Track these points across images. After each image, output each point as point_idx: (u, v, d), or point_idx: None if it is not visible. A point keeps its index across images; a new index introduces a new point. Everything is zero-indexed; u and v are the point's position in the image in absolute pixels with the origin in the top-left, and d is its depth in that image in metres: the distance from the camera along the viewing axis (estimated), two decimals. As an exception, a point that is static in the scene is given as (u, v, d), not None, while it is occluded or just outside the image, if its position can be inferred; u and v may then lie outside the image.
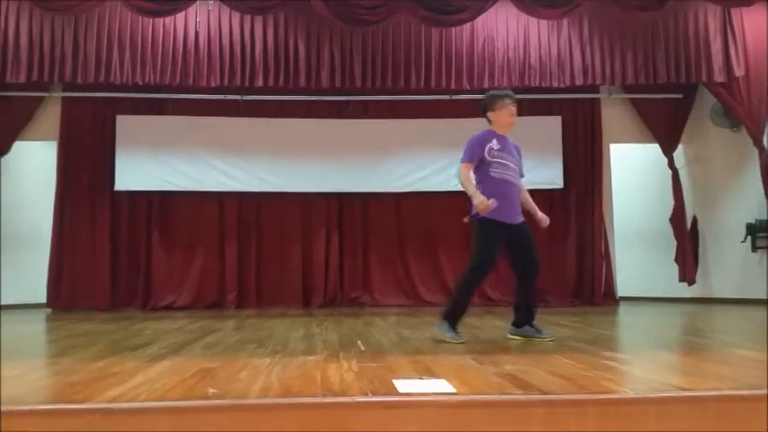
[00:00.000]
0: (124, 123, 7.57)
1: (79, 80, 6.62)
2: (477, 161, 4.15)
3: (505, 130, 4.31)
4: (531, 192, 7.71)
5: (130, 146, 7.52)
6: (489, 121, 4.33)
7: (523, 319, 4.19)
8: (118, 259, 7.55)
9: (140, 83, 6.72)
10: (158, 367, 3.03)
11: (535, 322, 4.19)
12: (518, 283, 4.23)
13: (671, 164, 7.80)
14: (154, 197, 7.65)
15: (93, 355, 3.53)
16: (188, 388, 2.49)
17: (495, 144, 4.21)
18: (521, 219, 4.21)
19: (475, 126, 7.64)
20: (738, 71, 7.08)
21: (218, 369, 2.96)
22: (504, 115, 4.28)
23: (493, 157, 4.18)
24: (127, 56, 6.64)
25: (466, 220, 4.21)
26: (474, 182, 4.13)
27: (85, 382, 2.65)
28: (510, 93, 4.38)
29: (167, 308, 7.37)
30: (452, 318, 4.08)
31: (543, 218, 4.40)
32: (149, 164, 7.52)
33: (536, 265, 4.18)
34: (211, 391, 2.42)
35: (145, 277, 7.56)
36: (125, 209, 7.63)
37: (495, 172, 4.17)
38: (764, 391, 2.24)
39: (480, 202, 3.99)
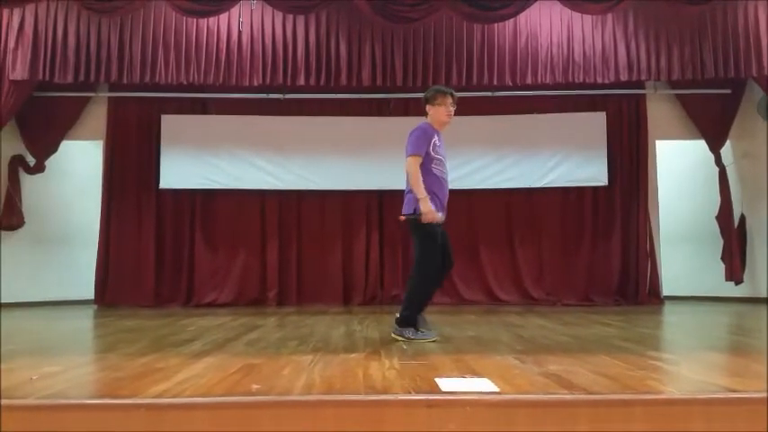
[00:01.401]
0: (169, 123, 7.72)
1: (125, 80, 6.76)
2: (424, 155, 4.07)
3: (440, 128, 4.27)
4: (576, 189, 7.76)
5: (175, 145, 7.67)
6: (426, 114, 4.30)
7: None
8: (162, 256, 7.70)
9: (185, 83, 6.83)
10: (202, 363, 3.08)
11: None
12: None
13: (718, 161, 7.60)
14: (197, 195, 7.78)
15: (139, 351, 3.61)
16: (232, 384, 2.53)
17: (437, 140, 4.17)
18: None
19: (517, 122, 7.74)
20: (789, 65, 6.85)
21: (262, 366, 2.99)
22: (442, 113, 4.23)
23: (436, 153, 4.14)
24: (171, 56, 6.76)
25: (402, 218, 4.12)
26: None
27: (131, 377, 2.71)
28: (453, 92, 4.29)
29: (209, 305, 7.48)
30: (414, 322, 4.03)
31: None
32: (193, 162, 7.65)
33: (452, 263, 4.21)
34: (255, 387, 2.44)
35: (188, 274, 7.69)
36: (169, 207, 7.77)
37: (436, 169, 4.14)
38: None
39: (431, 212, 3.95)
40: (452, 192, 8.15)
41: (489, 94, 7.61)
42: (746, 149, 7.72)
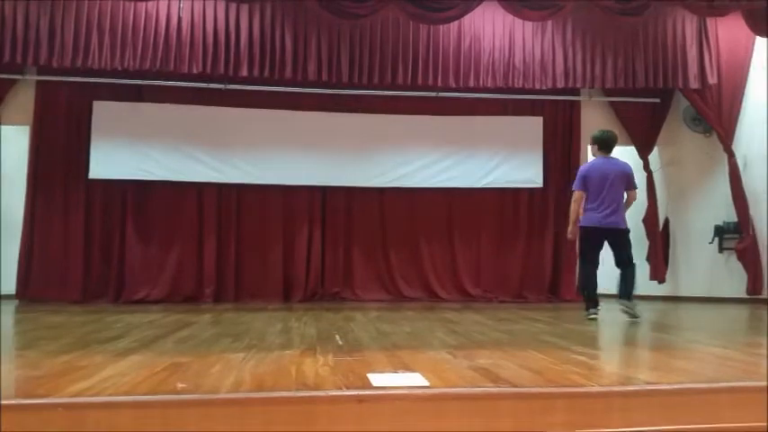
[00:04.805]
0: (101, 109, 7.41)
1: (55, 64, 6.48)
2: None
3: None
4: (513, 190, 7.92)
5: (107, 133, 7.36)
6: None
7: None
8: (91, 250, 7.36)
9: (119, 68, 6.60)
10: (127, 361, 2.97)
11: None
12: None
13: (646, 166, 7.91)
14: (130, 186, 7.49)
15: (61, 348, 3.45)
16: (157, 382, 2.45)
17: None
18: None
19: (460, 123, 7.81)
20: (712, 79, 7.37)
21: (190, 363, 2.91)
22: None
23: None
24: (106, 40, 6.51)
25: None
26: None
27: (50, 376, 2.59)
28: None
29: (141, 301, 7.20)
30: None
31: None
32: (126, 152, 7.36)
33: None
34: (180, 385, 2.38)
35: (118, 269, 7.37)
36: (99, 198, 7.45)
37: None
38: (722, 384, 2.38)
39: None
40: (394, 190, 8.21)
41: (434, 94, 7.67)
42: (672, 156, 8.11)
